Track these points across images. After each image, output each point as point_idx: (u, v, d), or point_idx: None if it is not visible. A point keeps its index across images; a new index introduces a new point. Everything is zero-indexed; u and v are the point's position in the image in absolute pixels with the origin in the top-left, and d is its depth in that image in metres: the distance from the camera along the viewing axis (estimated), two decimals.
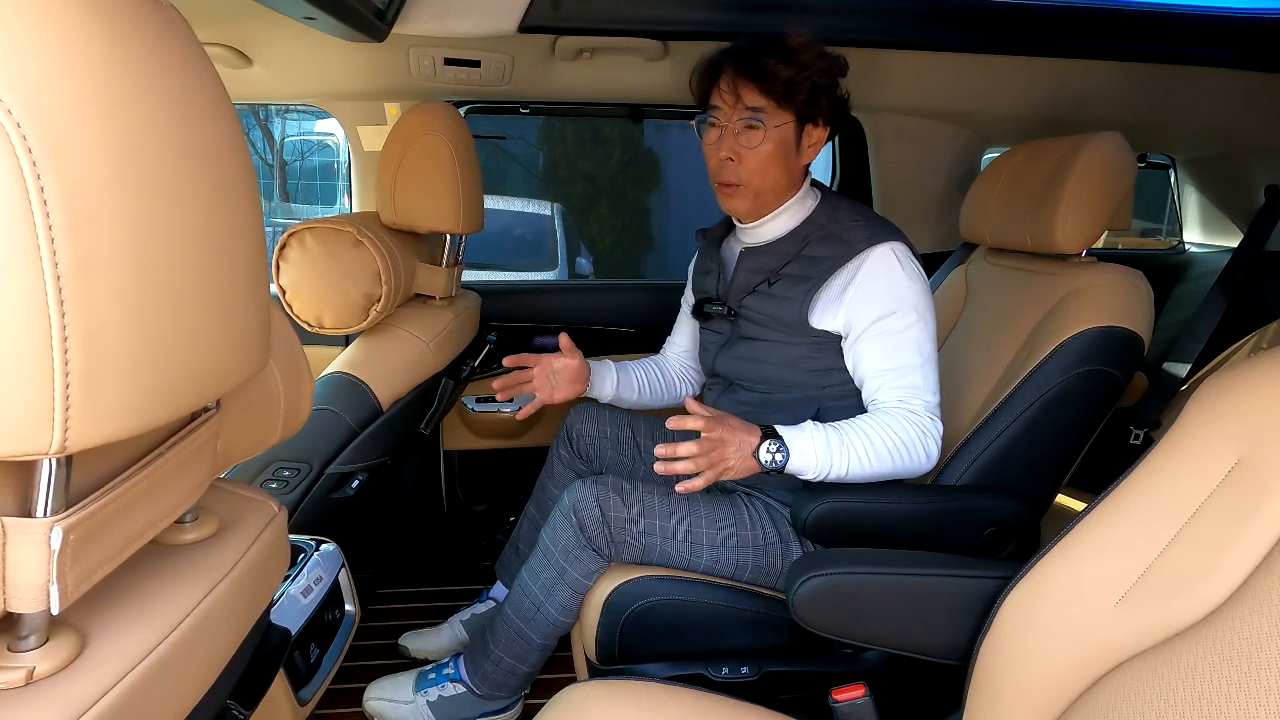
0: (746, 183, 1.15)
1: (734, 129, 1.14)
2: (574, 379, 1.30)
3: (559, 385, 1.29)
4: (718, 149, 1.16)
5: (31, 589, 0.36)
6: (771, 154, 1.14)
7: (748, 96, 1.12)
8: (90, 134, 0.32)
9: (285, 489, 1.11)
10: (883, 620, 0.88)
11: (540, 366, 1.28)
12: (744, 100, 1.12)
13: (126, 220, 0.34)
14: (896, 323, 1.09)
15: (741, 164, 1.14)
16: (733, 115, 1.13)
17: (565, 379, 1.29)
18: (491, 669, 1.19)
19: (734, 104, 1.13)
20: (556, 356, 1.30)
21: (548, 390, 1.29)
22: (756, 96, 1.12)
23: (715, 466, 1.01)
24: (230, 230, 0.42)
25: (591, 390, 1.35)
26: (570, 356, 1.29)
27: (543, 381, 1.28)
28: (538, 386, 1.28)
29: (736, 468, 1.02)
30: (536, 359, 1.29)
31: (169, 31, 0.39)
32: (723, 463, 1.02)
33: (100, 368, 0.33)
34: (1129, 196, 1.23)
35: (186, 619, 0.45)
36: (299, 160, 7.02)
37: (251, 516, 0.57)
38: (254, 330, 0.45)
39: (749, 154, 1.14)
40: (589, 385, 1.33)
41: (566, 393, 1.30)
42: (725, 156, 1.15)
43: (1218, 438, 0.61)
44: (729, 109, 1.14)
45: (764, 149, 1.13)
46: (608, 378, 1.36)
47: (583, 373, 1.31)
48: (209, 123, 0.41)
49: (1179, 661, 0.54)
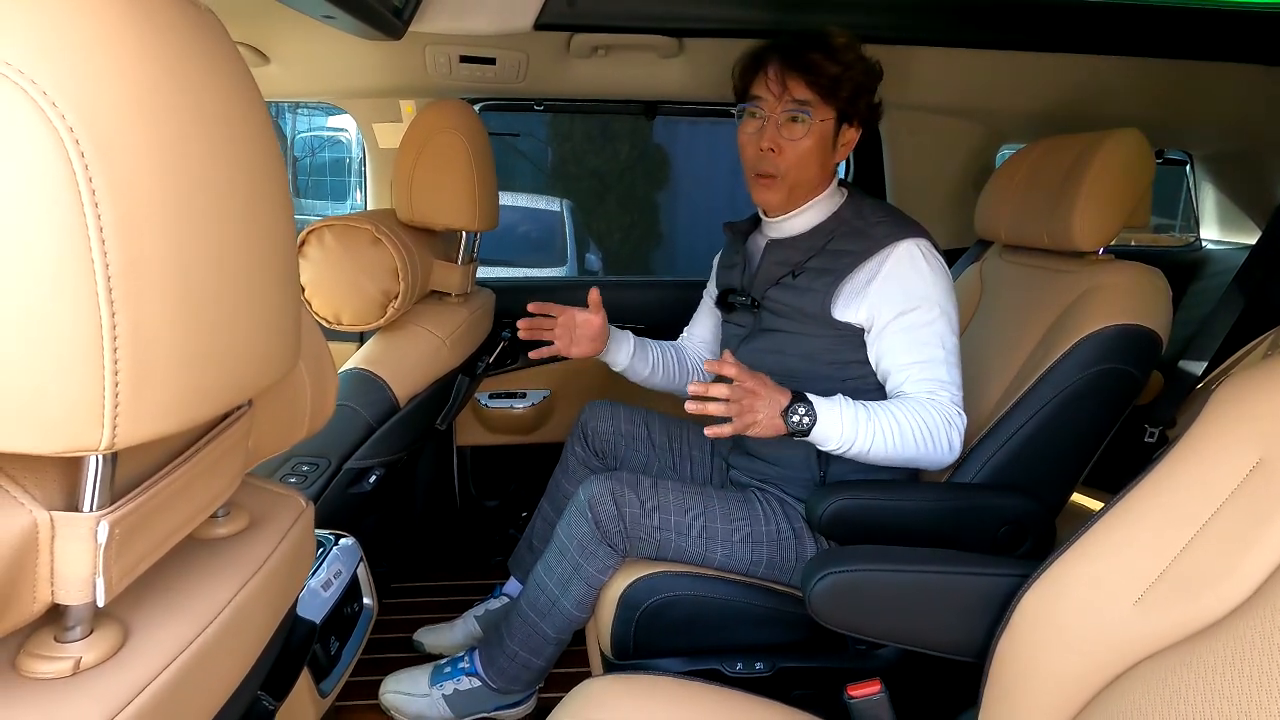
0: (784, 175, 1.16)
1: (777, 120, 1.14)
2: (594, 336, 1.30)
3: (578, 340, 1.29)
4: (758, 139, 1.16)
5: (79, 581, 0.37)
6: (811, 149, 1.15)
7: (795, 89, 1.13)
8: (138, 136, 0.33)
9: (304, 484, 1.12)
10: (899, 617, 0.88)
11: (564, 316, 1.28)
12: (791, 93, 1.13)
13: (172, 220, 0.35)
14: (920, 317, 1.09)
15: (781, 156, 1.15)
16: (778, 107, 1.14)
17: (585, 334, 1.29)
18: (506, 663, 1.20)
19: (780, 95, 1.13)
20: (580, 310, 1.29)
21: (566, 341, 1.28)
22: (804, 90, 1.12)
23: (743, 416, 1.01)
24: (266, 230, 0.43)
25: (607, 354, 1.34)
26: (595, 312, 1.29)
27: (564, 332, 1.28)
28: (558, 335, 1.28)
29: (764, 424, 1.02)
30: (562, 309, 1.29)
31: (207, 34, 0.39)
32: (751, 414, 1.02)
33: (148, 366, 0.34)
34: (1147, 193, 1.23)
35: (223, 611, 0.46)
36: (309, 156, 7.05)
37: (281, 511, 0.58)
38: (288, 328, 0.46)
39: (790, 146, 1.14)
40: (605, 349, 1.33)
41: (584, 349, 1.30)
42: (767, 147, 1.15)
43: (1238, 438, 0.61)
44: (774, 100, 1.14)
45: (805, 143, 1.14)
46: (625, 346, 1.36)
47: (602, 333, 1.31)
48: (245, 123, 0.41)
49: (1198, 661, 0.54)
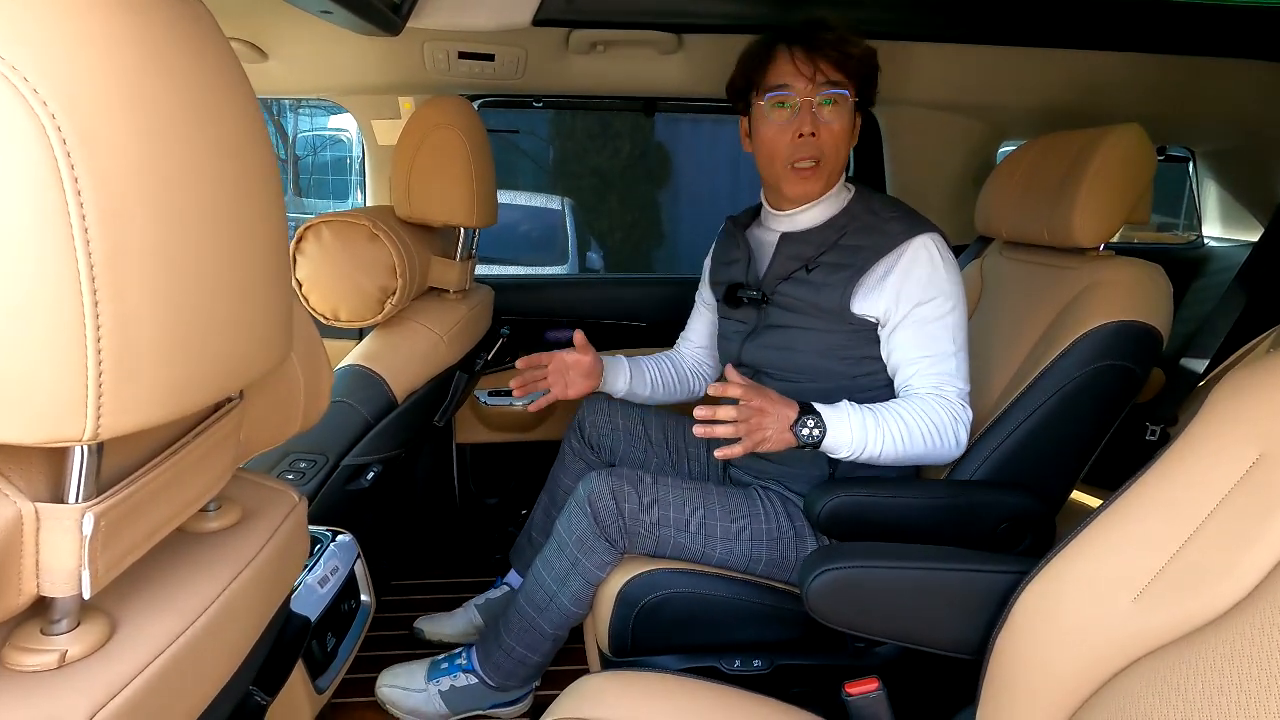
0: (826, 158, 1.14)
1: (813, 103, 1.12)
2: (587, 374, 1.31)
3: (572, 381, 1.31)
4: (793, 127, 1.12)
5: (64, 573, 0.36)
6: (846, 130, 1.14)
7: (827, 70, 1.11)
8: (121, 127, 0.33)
9: (301, 480, 1.12)
10: (897, 614, 0.88)
11: (555, 362, 1.30)
12: (824, 73, 1.11)
13: (156, 212, 0.34)
14: (933, 310, 1.09)
15: (821, 139, 1.12)
16: (812, 90, 1.11)
17: (578, 374, 1.31)
18: (503, 658, 1.20)
19: (812, 77, 1.11)
20: (569, 352, 1.30)
21: (561, 386, 1.30)
22: (835, 71, 1.11)
23: (753, 435, 1.01)
24: (255, 222, 0.42)
25: (604, 386, 1.36)
26: (583, 353, 1.30)
27: (557, 377, 1.30)
28: (553, 382, 1.29)
29: (774, 440, 1.02)
30: (550, 356, 1.30)
31: (197, 28, 0.39)
32: (760, 431, 1.01)
33: (131, 357, 0.34)
34: (1148, 189, 1.22)
35: (211, 606, 0.46)
36: (311, 155, 7.06)
37: (273, 506, 0.58)
38: (277, 321, 0.46)
39: (827, 129, 1.12)
40: (602, 380, 1.35)
41: (580, 388, 1.31)
42: (808, 132, 1.11)
43: (1238, 434, 0.61)
44: (807, 82, 1.11)
45: (841, 125, 1.13)
46: (620, 373, 1.37)
47: (595, 368, 1.32)
48: (234, 117, 0.41)
49: (1196, 658, 0.54)
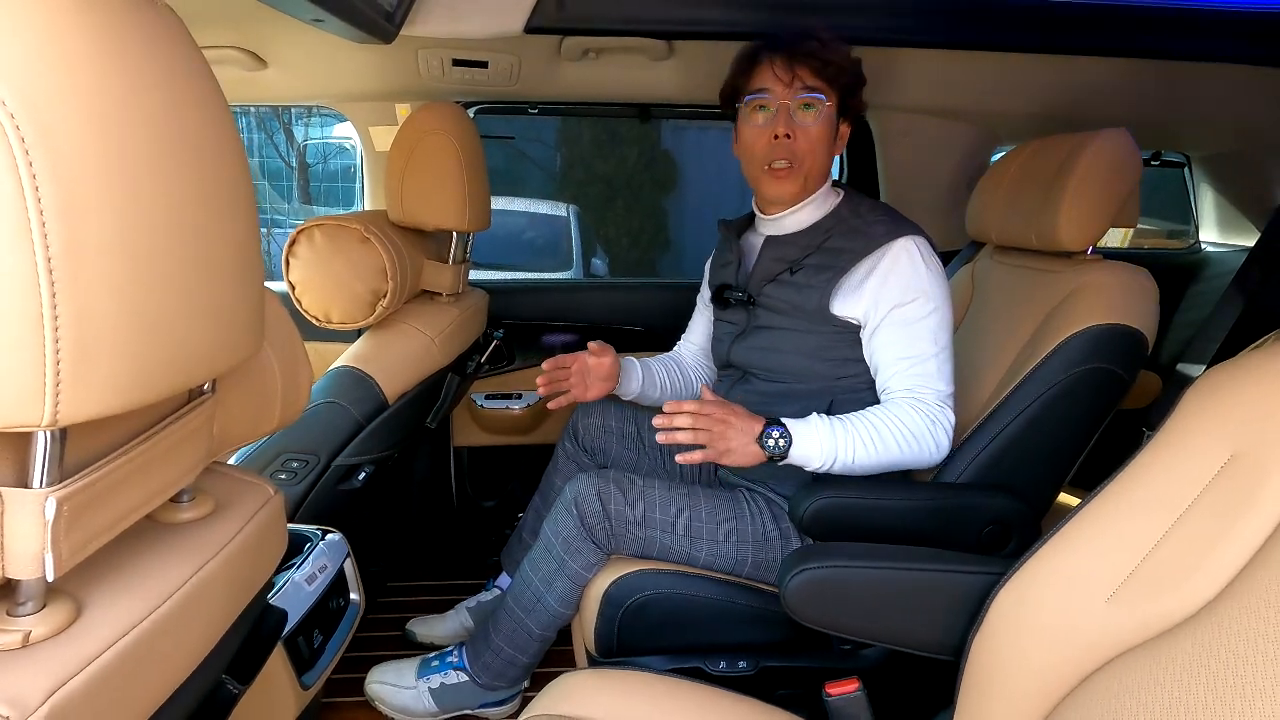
0: (800, 161, 1.16)
1: (789, 107, 1.15)
2: (606, 377, 1.33)
3: (592, 383, 1.33)
4: (769, 129, 1.16)
5: (28, 556, 0.38)
6: (823, 135, 1.16)
7: (805, 76, 1.14)
8: (81, 124, 0.34)
9: (293, 479, 1.14)
10: (874, 614, 0.88)
11: (578, 364, 1.32)
12: (801, 79, 1.14)
13: (115, 207, 0.36)
14: (914, 311, 1.10)
15: (796, 141, 1.15)
16: (789, 94, 1.15)
17: (598, 377, 1.33)
18: (492, 658, 1.21)
19: (790, 82, 1.14)
20: (589, 355, 1.33)
21: (582, 388, 1.32)
22: (813, 77, 1.14)
23: (715, 443, 1.03)
24: (219, 220, 0.43)
25: (619, 388, 1.38)
26: (602, 355, 1.32)
27: (579, 379, 1.32)
28: (574, 384, 1.32)
29: (739, 451, 1.03)
30: (575, 358, 1.33)
31: (161, 30, 0.41)
32: (724, 441, 1.03)
33: (90, 345, 0.35)
34: (1135, 192, 1.22)
35: (178, 592, 0.47)
36: (320, 163, 7.11)
37: (247, 498, 0.59)
38: (244, 315, 0.47)
39: (803, 133, 1.15)
40: (618, 382, 1.37)
41: (598, 390, 1.33)
42: (782, 133, 1.15)
43: (1212, 433, 0.61)
44: (784, 87, 1.15)
45: (818, 129, 1.16)
46: (634, 375, 1.39)
47: (614, 372, 1.34)
48: (199, 116, 0.42)
49: (1169, 657, 0.54)
